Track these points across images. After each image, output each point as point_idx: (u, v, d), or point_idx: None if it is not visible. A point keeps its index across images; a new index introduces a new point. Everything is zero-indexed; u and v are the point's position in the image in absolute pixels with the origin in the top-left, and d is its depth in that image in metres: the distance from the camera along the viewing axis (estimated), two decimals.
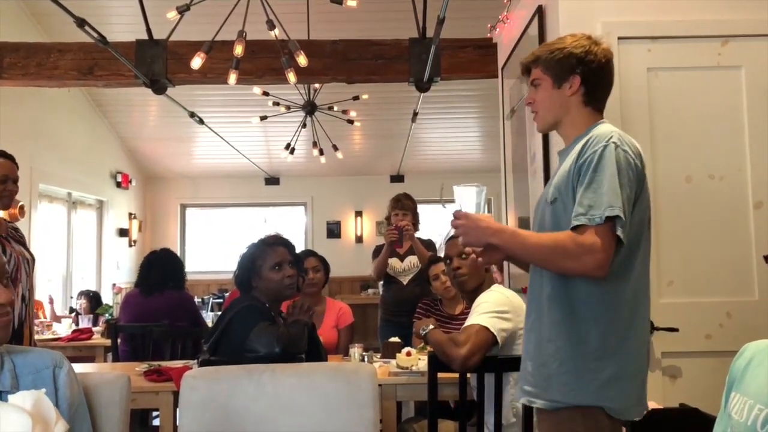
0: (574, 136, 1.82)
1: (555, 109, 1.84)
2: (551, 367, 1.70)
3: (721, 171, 2.76)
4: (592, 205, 1.61)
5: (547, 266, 1.71)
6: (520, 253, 1.76)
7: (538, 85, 1.86)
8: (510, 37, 3.84)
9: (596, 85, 1.83)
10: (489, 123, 7.84)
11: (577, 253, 1.61)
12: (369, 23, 5.38)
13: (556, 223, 1.74)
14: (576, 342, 1.68)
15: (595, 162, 1.65)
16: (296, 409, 1.63)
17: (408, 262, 4.40)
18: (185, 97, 6.42)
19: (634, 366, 1.70)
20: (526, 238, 1.70)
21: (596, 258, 1.60)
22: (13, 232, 2.96)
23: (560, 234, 1.67)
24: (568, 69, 1.80)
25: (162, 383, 2.92)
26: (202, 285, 9.21)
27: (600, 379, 1.65)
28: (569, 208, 1.69)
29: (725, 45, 2.80)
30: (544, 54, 1.85)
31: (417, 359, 2.99)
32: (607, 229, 1.61)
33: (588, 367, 1.66)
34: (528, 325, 1.83)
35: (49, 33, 6.07)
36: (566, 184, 1.72)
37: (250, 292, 2.63)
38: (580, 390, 1.66)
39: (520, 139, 3.60)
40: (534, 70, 1.88)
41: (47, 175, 6.56)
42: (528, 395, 1.77)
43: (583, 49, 1.81)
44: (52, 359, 1.47)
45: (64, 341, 4.72)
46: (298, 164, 8.98)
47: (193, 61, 3.48)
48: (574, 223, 1.63)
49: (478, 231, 1.73)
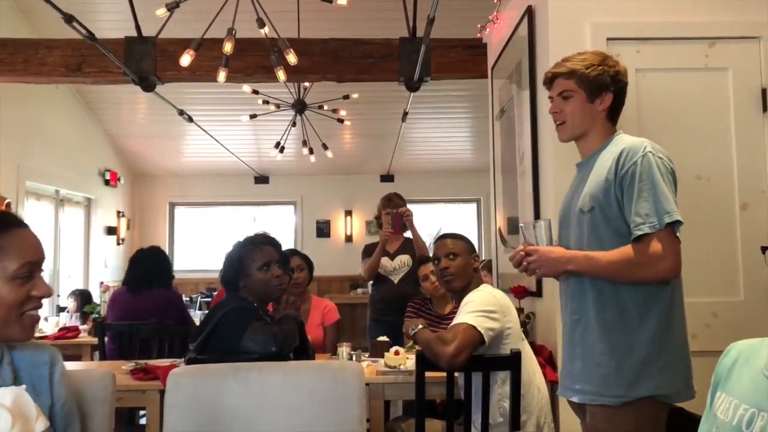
0: (595, 147, 1.97)
1: (586, 122, 1.96)
2: (609, 366, 1.82)
3: (708, 172, 2.78)
4: (649, 214, 1.76)
5: (622, 279, 1.82)
6: (595, 273, 1.85)
7: (568, 97, 1.97)
8: (500, 38, 3.85)
9: (621, 103, 2.00)
10: (479, 123, 7.86)
11: (650, 261, 1.76)
12: (359, 22, 5.37)
13: (594, 231, 1.87)
14: (629, 339, 1.81)
15: (639, 172, 1.78)
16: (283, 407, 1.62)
17: (398, 261, 4.41)
18: (174, 95, 6.39)
19: (679, 354, 1.85)
20: (599, 259, 1.82)
21: (669, 262, 1.77)
22: None
23: (627, 248, 1.80)
24: (603, 86, 1.94)
25: (149, 382, 2.91)
26: (191, 284, 9.17)
27: (655, 371, 1.79)
28: (611, 217, 1.84)
29: (713, 47, 2.82)
30: (579, 69, 1.95)
31: (405, 358, 2.99)
32: (669, 233, 1.77)
33: (644, 361, 1.79)
34: (574, 328, 1.93)
35: (37, 29, 6.02)
36: (605, 194, 1.84)
37: (237, 291, 2.61)
38: (640, 383, 1.79)
39: (509, 139, 3.60)
40: (565, 81, 1.97)
41: (35, 173, 6.51)
42: (585, 394, 1.88)
43: (614, 69, 1.96)
44: (50, 356, 1.45)
45: (50, 339, 4.68)
46: (287, 163, 8.97)
47: (182, 59, 3.46)
48: (637, 233, 1.77)
49: (552, 262, 1.87)
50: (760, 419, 1.20)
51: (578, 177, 2.02)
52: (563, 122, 2.00)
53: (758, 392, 1.23)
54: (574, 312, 1.93)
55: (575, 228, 1.94)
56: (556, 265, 1.87)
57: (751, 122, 2.80)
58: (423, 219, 8.58)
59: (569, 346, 1.96)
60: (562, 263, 1.86)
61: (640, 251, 1.77)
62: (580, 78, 1.94)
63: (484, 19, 3.97)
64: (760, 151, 2.81)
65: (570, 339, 1.95)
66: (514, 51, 3.45)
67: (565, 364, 2.00)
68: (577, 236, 1.93)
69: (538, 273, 1.92)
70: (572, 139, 2.03)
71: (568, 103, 1.97)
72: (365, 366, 3.13)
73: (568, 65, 1.98)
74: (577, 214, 1.93)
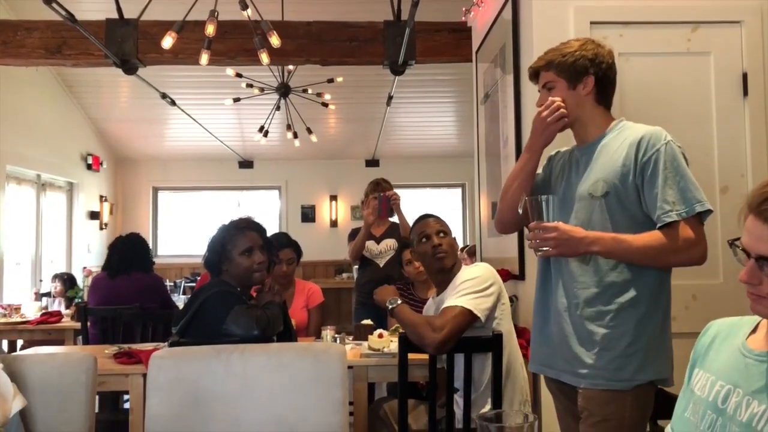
0: (596, 133, 1.95)
1: (572, 108, 1.94)
2: (617, 349, 1.81)
3: (689, 155, 2.73)
4: (676, 201, 1.77)
5: (653, 264, 1.82)
6: (623, 257, 1.82)
7: (552, 88, 1.97)
8: (484, 21, 3.84)
9: (606, 84, 1.98)
10: (464, 108, 7.86)
11: (684, 247, 1.77)
12: (344, 5, 5.35)
13: (611, 217, 1.85)
14: (640, 325, 1.82)
15: (663, 160, 1.79)
16: (265, 388, 1.62)
17: (384, 244, 4.42)
18: (157, 78, 6.33)
19: (669, 341, 1.89)
20: (630, 242, 1.80)
21: (701, 248, 1.80)
22: None
23: (658, 233, 1.79)
24: (581, 70, 1.92)
25: (132, 366, 2.90)
26: (175, 268, 9.14)
27: (658, 356, 1.83)
28: (627, 202, 1.84)
29: (695, 31, 2.83)
30: (556, 58, 1.95)
31: (389, 341, 3.01)
32: (696, 220, 1.79)
33: (650, 347, 1.82)
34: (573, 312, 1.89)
35: (16, 10, 5.93)
36: (622, 180, 1.83)
37: (220, 275, 2.61)
38: (646, 368, 1.81)
39: (493, 123, 3.61)
40: (545, 74, 1.98)
41: (15, 156, 6.44)
42: (593, 378, 1.84)
43: (592, 51, 1.94)
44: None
45: (32, 324, 4.66)
46: (272, 147, 8.92)
47: (164, 41, 3.43)
48: (666, 220, 1.77)
49: (573, 242, 1.80)
50: (735, 395, 1.23)
51: (580, 161, 1.98)
52: None
53: (734, 369, 1.25)
54: (572, 296, 1.89)
55: (580, 212, 1.90)
56: (578, 245, 1.80)
57: (733, 106, 2.83)
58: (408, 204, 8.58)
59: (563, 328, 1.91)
60: (585, 243, 1.80)
61: (673, 237, 1.78)
62: (558, 67, 1.95)
63: (469, 2, 3.97)
64: (740, 135, 2.83)
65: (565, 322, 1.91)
66: (498, 35, 3.44)
67: (552, 346, 1.96)
68: (581, 220, 1.89)
69: (552, 252, 1.82)
70: (566, 128, 2.00)
71: (552, 93, 1.97)
72: (349, 349, 3.14)
73: (546, 57, 1.99)
74: (584, 198, 1.90)
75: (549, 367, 2.00)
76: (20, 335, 4.77)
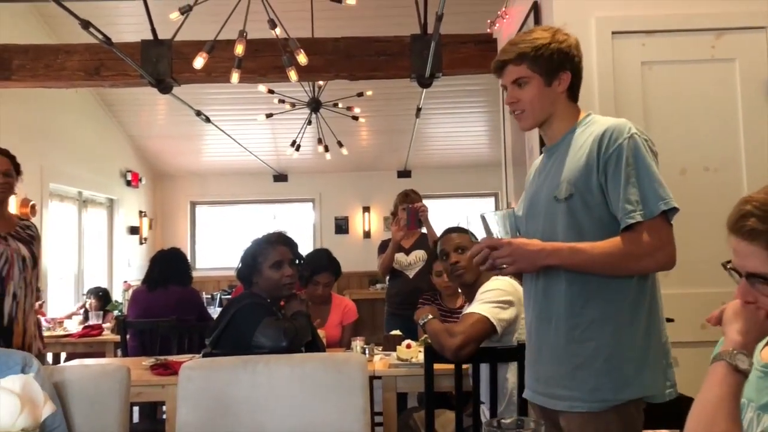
0: (563, 130, 1.79)
1: (547, 106, 1.78)
2: (594, 367, 1.65)
3: (716, 163, 2.79)
4: (640, 200, 1.61)
5: (616, 272, 1.65)
6: (583, 267, 1.66)
7: (524, 83, 1.77)
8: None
9: (579, 79, 1.82)
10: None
11: (648, 251, 1.61)
12: (371, 20, 5.42)
13: (573, 221, 1.69)
14: (616, 338, 1.65)
15: (626, 155, 1.62)
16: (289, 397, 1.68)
17: (414, 256, 4.45)
18: (192, 96, 6.48)
19: (660, 351, 1.70)
20: (587, 251, 1.64)
21: (668, 251, 1.63)
22: (21, 231, 3.00)
23: (620, 238, 1.63)
24: (558, 66, 1.76)
25: (167, 377, 2.98)
26: (212, 281, 9.30)
27: (643, 371, 1.65)
28: (591, 204, 1.67)
29: (719, 38, 2.82)
30: (529, 51, 1.75)
31: (417, 351, 3.04)
32: (663, 220, 1.63)
33: (630, 361, 1.65)
34: (546, 329, 1.75)
35: (57, 34, 6.15)
36: (586, 180, 1.67)
37: (251, 287, 2.69)
38: (629, 384, 1.64)
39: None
40: (516, 67, 1.78)
41: (58, 175, 6.65)
42: (568, 400, 1.68)
43: (566, 43, 1.77)
44: (22, 358, 1.52)
45: (74, 337, 4.81)
46: (305, 161, 9.04)
47: (196, 61, 3.54)
48: (628, 221, 1.61)
49: (529, 255, 1.66)
50: (750, 410, 1.22)
51: (547, 163, 1.83)
52: (522, 111, 1.80)
53: (748, 383, 1.25)
54: (546, 311, 1.74)
55: (545, 218, 1.75)
56: (535, 259, 1.66)
57: (759, 113, 2.81)
58: (441, 214, 8.60)
59: (540, 347, 1.77)
60: (542, 257, 1.65)
61: (635, 241, 1.61)
62: (532, 61, 1.74)
63: (494, 14, 4.00)
64: (767, 141, 2.81)
65: (541, 340, 1.77)
66: None
67: (532, 366, 1.83)
68: (548, 227, 1.73)
69: (510, 269, 1.69)
70: (535, 127, 1.86)
71: (525, 90, 1.77)
72: (378, 359, 3.18)
73: (516, 49, 1.77)
74: (549, 202, 1.74)
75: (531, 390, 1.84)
76: (63, 348, 4.93)
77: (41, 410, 1.18)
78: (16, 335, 2.85)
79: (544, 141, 1.89)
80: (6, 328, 2.80)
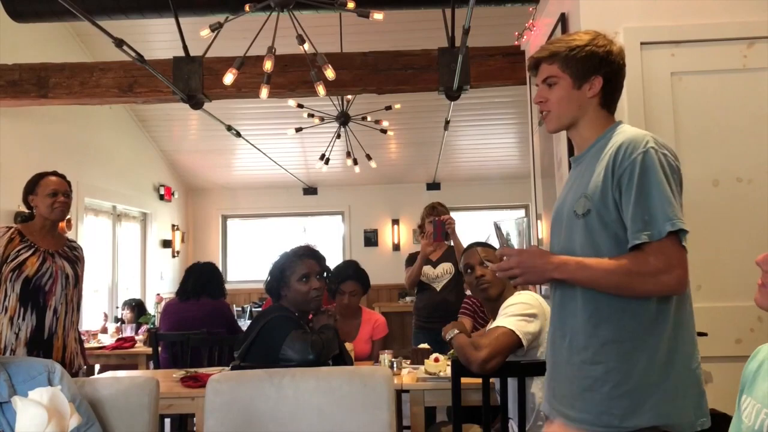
0: (591, 139, 1.74)
1: (573, 110, 1.73)
2: (602, 391, 1.59)
3: (749, 174, 2.73)
4: (648, 220, 1.53)
5: (622, 292, 1.58)
6: (588, 283, 1.60)
7: (553, 84, 1.74)
8: (536, 45, 3.86)
9: (615, 88, 1.75)
10: (524, 129, 7.82)
11: (653, 273, 1.53)
12: (399, 34, 5.45)
13: (590, 238, 1.63)
14: (628, 362, 1.58)
15: (639, 171, 1.55)
16: (315, 410, 1.69)
17: (441, 268, 4.43)
18: (222, 111, 6.57)
19: (691, 377, 1.61)
20: (594, 267, 1.58)
21: (675, 275, 1.54)
22: (68, 251, 3.10)
23: (627, 257, 1.57)
24: (591, 69, 1.70)
25: (197, 389, 3.01)
26: (243, 293, 9.38)
27: (658, 398, 1.56)
28: (608, 221, 1.60)
29: (751, 47, 2.77)
30: (563, 50, 1.72)
31: (445, 365, 3.03)
32: (672, 242, 1.54)
33: (642, 388, 1.57)
34: (560, 345, 1.71)
35: (92, 52, 6.31)
36: (602, 196, 1.61)
37: (279, 300, 2.71)
38: (638, 412, 1.56)
39: (548, 144, 3.61)
40: (548, 66, 1.74)
41: (92, 189, 6.79)
42: (575, 422, 1.62)
43: (605, 48, 1.72)
44: (45, 366, 1.55)
45: (108, 349, 4.88)
46: (335, 174, 9.09)
47: (226, 78, 3.59)
48: (634, 242, 1.55)
49: (538, 269, 1.63)
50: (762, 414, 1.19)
51: (573, 173, 1.79)
52: (548, 111, 1.76)
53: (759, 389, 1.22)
54: (560, 328, 1.72)
55: (566, 232, 1.71)
56: (542, 271, 1.63)
57: None
58: (472, 226, 8.57)
59: (555, 363, 1.74)
60: (549, 270, 1.62)
61: (640, 262, 1.54)
62: (563, 62, 1.71)
63: (521, 26, 3.99)
64: None
65: (556, 356, 1.73)
66: None
67: (549, 382, 1.79)
68: (567, 243, 1.70)
69: (519, 280, 1.66)
70: (560, 130, 1.81)
71: (553, 90, 1.73)
72: (406, 373, 3.17)
73: (551, 48, 1.75)
74: (569, 217, 1.69)
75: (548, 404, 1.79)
76: (97, 360, 5.01)
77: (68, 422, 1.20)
78: (56, 349, 2.92)
79: (574, 148, 1.85)
80: (46, 341, 2.87)
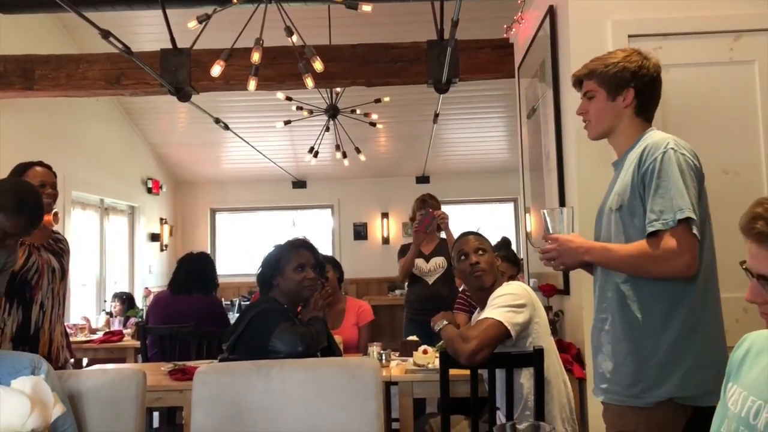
0: (627, 145, 1.96)
1: (609, 119, 1.97)
2: (630, 366, 1.81)
3: (736, 166, 2.75)
4: (663, 210, 1.74)
5: (639, 274, 1.81)
6: (611, 266, 1.86)
7: (592, 97, 1.99)
8: (525, 37, 3.86)
9: (648, 98, 1.97)
10: (513, 122, 7.80)
11: (664, 257, 1.73)
12: (388, 26, 5.43)
13: (624, 230, 1.86)
14: (652, 340, 1.78)
15: (658, 169, 1.77)
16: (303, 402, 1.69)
17: (434, 262, 4.44)
18: (211, 104, 6.54)
19: (708, 356, 1.78)
20: (615, 251, 1.83)
21: (683, 260, 1.73)
22: (54, 243, 3.05)
23: (643, 243, 1.78)
24: (622, 83, 1.93)
25: (186, 382, 3.00)
26: (232, 287, 9.35)
27: (676, 373, 1.75)
28: (637, 214, 1.82)
29: (737, 40, 2.79)
30: (599, 68, 1.97)
31: (434, 357, 3.03)
32: (683, 230, 1.73)
33: (664, 364, 1.77)
34: (601, 327, 1.92)
35: (79, 44, 6.25)
36: (631, 193, 1.83)
37: (270, 291, 2.71)
38: (658, 385, 1.76)
39: (536, 137, 3.62)
40: (587, 82, 2.00)
41: (80, 183, 6.74)
42: (607, 393, 1.87)
43: (636, 63, 1.93)
44: (31, 361, 1.54)
45: (96, 343, 4.86)
46: (324, 167, 9.07)
47: (213, 69, 3.56)
48: (649, 230, 1.76)
49: (571, 252, 1.88)
50: (766, 411, 1.21)
51: (614, 176, 2.03)
52: (588, 121, 2.03)
53: (765, 384, 1.23)
54: (601, 310, 1.93)
55: (605, 226, 1.95)
56: (575, 254, 1.88)
57: None
58: (460, 220, 8.58)
59: (599, 344, 1.95)
60: (580, 253, 1.87)
61: (654, 246, 1.75)
62: (599, 77, 1.96)
63: (510, 19, 3.99)
64: None
65: (601, 338, 1.94)
66: (538, 50, 3.46)
67: (594, 363, 2.00)
68: (605, 234, 1.94)
69: (556, 262, 1.92)
70: (600, 137, 2.04)
71: (592, 103, 1.99)
72: (395, 365, 3.18)
73: (589, 66, 2.01)
74: (608, 212, 1.94)
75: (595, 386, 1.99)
76: (85, 353, 4.98)
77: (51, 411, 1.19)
78: (42, 344, 2.89)
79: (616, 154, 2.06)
80: (32, 336, 2.84)
